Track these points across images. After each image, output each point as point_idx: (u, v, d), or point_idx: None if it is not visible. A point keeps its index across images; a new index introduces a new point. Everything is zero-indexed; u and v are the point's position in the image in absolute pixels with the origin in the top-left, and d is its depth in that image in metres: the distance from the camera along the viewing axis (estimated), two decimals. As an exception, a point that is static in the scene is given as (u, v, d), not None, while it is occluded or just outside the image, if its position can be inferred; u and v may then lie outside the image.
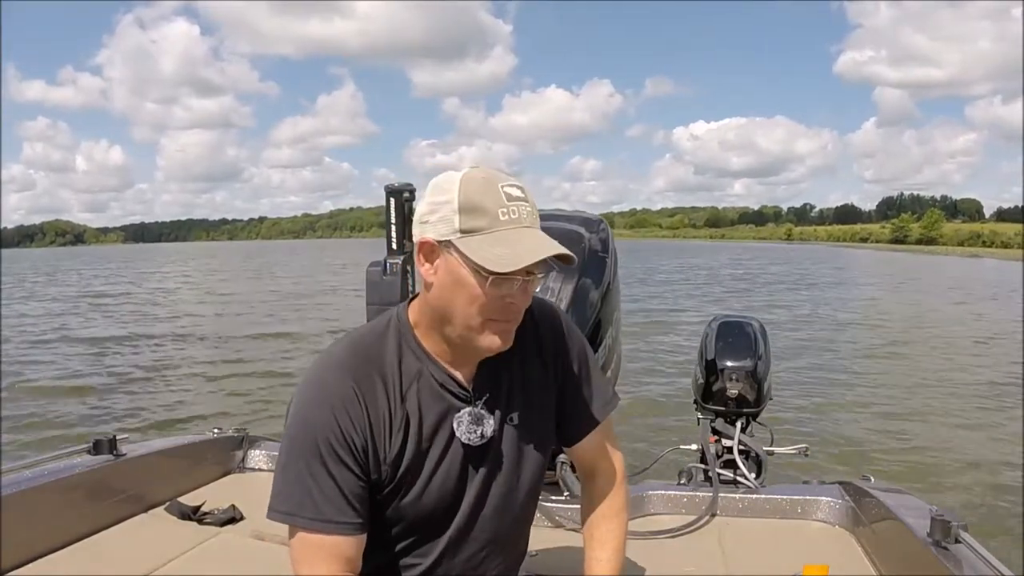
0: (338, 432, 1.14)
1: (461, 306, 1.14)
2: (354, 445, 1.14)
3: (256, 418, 7.13)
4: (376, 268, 2.68)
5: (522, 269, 1.11)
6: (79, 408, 8.35)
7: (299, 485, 1.14)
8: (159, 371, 10.75)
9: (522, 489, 1.31)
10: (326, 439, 1.13)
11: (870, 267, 44.72)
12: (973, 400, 8.61)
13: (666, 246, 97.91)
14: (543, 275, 1.22)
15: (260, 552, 1.90)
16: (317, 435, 1.13)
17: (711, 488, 2.23)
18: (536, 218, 1.16)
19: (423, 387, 1.21)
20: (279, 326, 15.69)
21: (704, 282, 29.46)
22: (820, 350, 12.21)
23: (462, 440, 1.22)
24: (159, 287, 30.60)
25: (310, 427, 1.14)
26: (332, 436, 1.13)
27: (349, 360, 1.20)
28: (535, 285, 1.19)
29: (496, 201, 1.12)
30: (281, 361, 11.29)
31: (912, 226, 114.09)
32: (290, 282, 31.49)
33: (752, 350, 2.54)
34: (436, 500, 1.22)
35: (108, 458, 2.06)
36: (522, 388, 1.30)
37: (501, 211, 1.11)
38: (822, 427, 7.25)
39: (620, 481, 1.44)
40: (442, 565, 1.26)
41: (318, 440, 1.13)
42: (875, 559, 1.86)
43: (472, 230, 1.12)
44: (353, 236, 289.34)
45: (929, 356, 11.69)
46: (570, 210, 2.62)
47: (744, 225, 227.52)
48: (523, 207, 1.14)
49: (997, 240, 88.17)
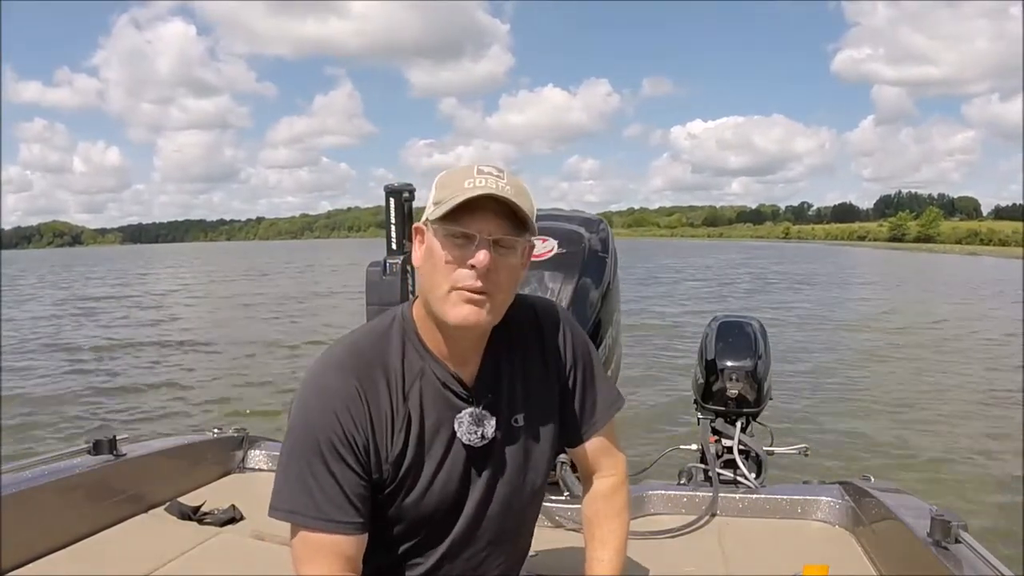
0: (340, 431, 1.14)
1: (432, 276, 1.16)
2: (356, 444, 1.14)
3: (256, 418, 7.12)
4: (376, 268, 2.68)
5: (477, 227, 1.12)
6: (79, 408, 8.34)
7: (301, 484, 1.14)
8: (159, 371, 10.74)
9: (526, 491, 1.31)
10: (328, 438, 1.13)
11: (871, 266, 44.75)
12: (973, 400, 8.60)
13: (665, 245, 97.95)
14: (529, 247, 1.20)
15: (260, 552, 1.90)
16: (319, 434, 1.13)
17: (711, 488, 2.24)
18: (508, 190, 1.14)
19: (425, 386, 1.21)
20: (279, 326, 15.68)
21: (703, 282, 29.45)
22: (820, 350, 12.20)
23: (463, 441, 1.22)
24: (158, 288, 30.58)
25: (312, 426, 1.14)
26: (334, 435, 1.13)
27: (351, 359, 1.20)
28: (512, 257, 1.16)
29: (466, 176, 1.14)
30: (281, 361, 11.28)
31: (910, 224, 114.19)
32: (290, 282, 31.47)
33: (752, 350, 2.54)
34: (438, 501, 1.22)
35: (108, 458, 2.06)
36: (525, 388, 1.30)
37: (467, 182, 1.13)
38: (822, 427, 7.24)
39: (621, 482, 1.44)
40: (444, 565, 1.26)
41: (320, 439, 1.13)
42: (875, 559, 1.86)
43: (439, 202, 1.14)
44: (351, 236, 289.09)
45: (929, 356, 11.68)
46: (570, 210, 2.62)
47: (742, 224, 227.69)
48: (492, 179, 1.14)
49: (995, 238, 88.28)
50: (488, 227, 1.13)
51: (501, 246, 1.14)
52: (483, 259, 1.11)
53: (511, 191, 1.13)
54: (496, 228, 1.13)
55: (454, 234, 1.13)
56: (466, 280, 1.12)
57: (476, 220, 1.12)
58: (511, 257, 1.16)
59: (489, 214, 1.13)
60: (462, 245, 1.12)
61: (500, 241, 1.14)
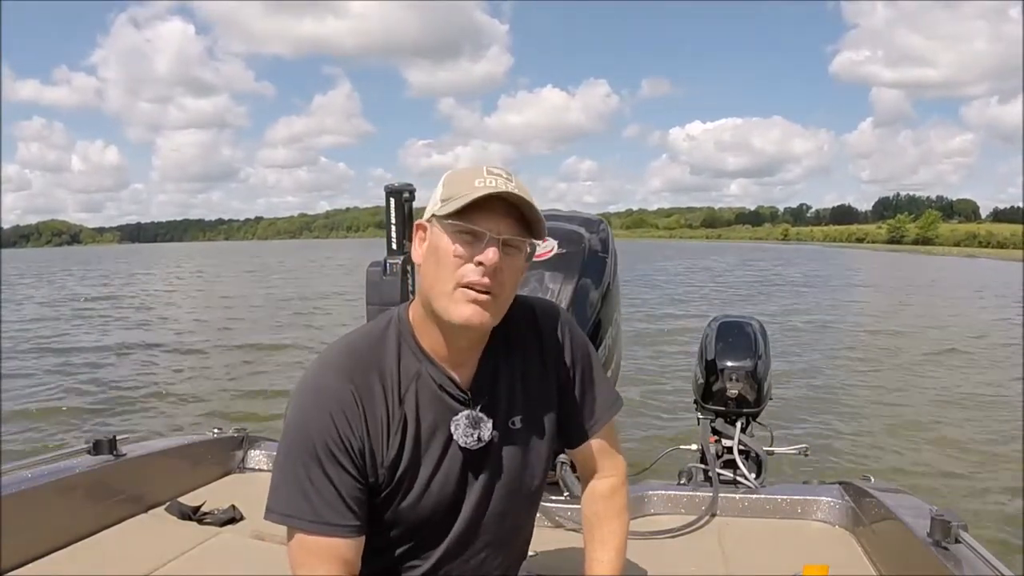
0: (335, 435, 1.13)
1: (436, 271, 1.16)
2: (351, 448, 1.14)
3: (256, 418, 7.11)
4: (376, 268, 2.68)
5: (487, 225, 1.13)
6: (78, 409, 8.33)
7: (297, 487, 1.14)
8: (159, 372, 10.72)
9: (524, 493, 1.31)
10: (323, 442, 1.13)
11: (871, 267, 44.75)
12: (974, 400, 8.59)
13: (664, 247, 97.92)
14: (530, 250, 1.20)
15: (260, 552, 1.90)
16: (315, 438, 1.13)
17: (711, 488, 2.24)
18: (516, 189, 1.15)
19: (422, 388, 1.21)
20: (279, 326, 15.66)
21: (702, 283, 29.45)
22: (820, 350, 12.20)
23: (459, 444, 1.22)
24: (157, 288, 30.54)
25: (307, 430, 1.14)
26: (329, 439, 1.13)
27: (347, 362, 1.19)
28: (518, 258, 1.18)
29: (475, 175, 1.16)
30: (281, 361, 11.27)
31: (908, 226, 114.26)
32: (290, 283, 31.44)
33: (752, 350, 2.54)
34: (435, 503, 1.22)
35: (108, 458, 2.07)
36: (523, 390, 1.29)
37: (477, 181, 1.14)
38: (822, 427, 7.23)
39: (621, 483, 1.44)
40: (442, 567, 1.26)
41: (315, 443, 1.13)
42: (875, 559, 1.86)
43: (448, 199, 1.15)
44: (350, 236, 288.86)
45: (929, 356, 11.68)
46: (570, 211, 2.62)
47: (740, 225, 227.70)
48: (501, 180, 1.15)
49: (993, 240, 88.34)
50: (498, 226, 1.14)
51: (509, 246, 1.15)
52: (492, 257, 1.12)
53: (520, 194, 1.15)
54: (505, 228, 1.14)
55: (463, 231, 1.13)
56: (473, 276, 1.13)
57: (486, 219, 1.13)
58: (517, 258, 1.17)
59: (498, 214, 1.14)
60: (471, 242, 1.13)
61: (509, 241, 1.15)
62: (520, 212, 1.15)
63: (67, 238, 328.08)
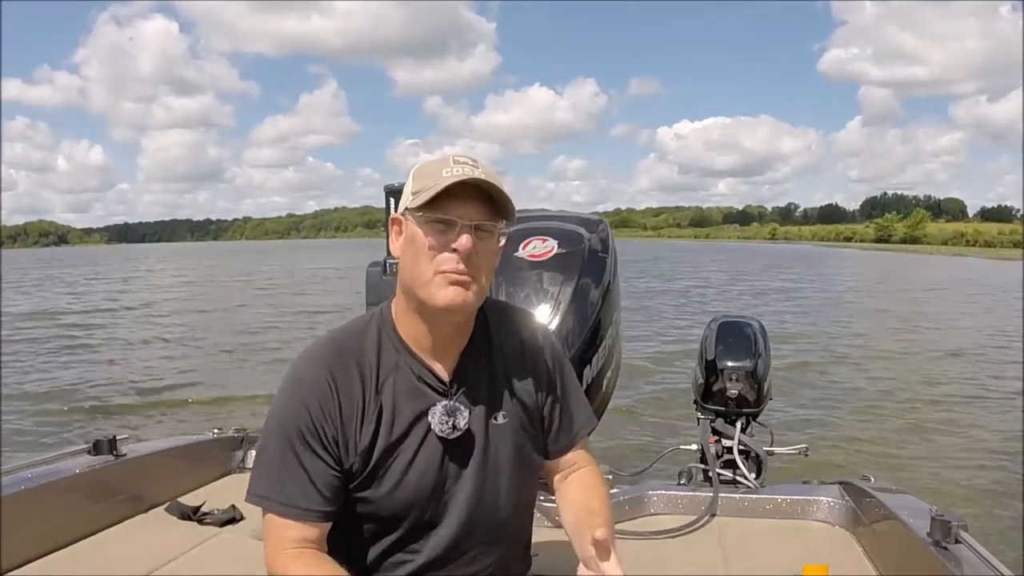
0: (309, 422, 1.19)
1: (415, 262, 1.20)
2: (324, 434, 1.19)
3: (256, 418, 7.08)
4: (376, 268, 2.68)
5: (458, 213, 1.17)
6: (79, 409, 8.29)
7: (271, 471, 1.21)
8: (159, 372, 10.68)
9: (514, 490, 1.31)
10: (297, 427, 1.19)
11: (864, 267, 44.90)
12: (974, 401, 8.63)
13: (653, 247, 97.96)
14: (502, 232, 1.24)
15: (260, 552, 1.88)
16: (290, 423, 1.20)
17: (711, 488, 2.25)
18: (483, 175, 1.19)
19: (400, 379, 1.25)
20: (280, 327, 15.61)
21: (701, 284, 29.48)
22: (820, 350, 12.22)
23: (436, 432, 1.24)
24: (156, 288, 30.39)
25: (284, 416, 1.22)
26: (303, 424, 1.19)
27: (326, 352, 1.25)
28: (491, 242, 1.22)
29: (443, 166, 1.20)
30: (281, 361, 11.22)
31: (896, 225, 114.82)
32: (289, 282, 31.35)
33: (752, 350, 2.54)
34: (415, 492, 1.23)
35: (108, 458, 2.06)
36: (508, 389, 1.32)
37: (444, 171, 1.18)
38: (822, 427, 7.26)
39: (590, 464, 1.43)
40: (435, 563, 1.26)
41: (290, 428, 1.20)
42: (875, 559, 1.87)
43: (418, 191, 1.19)
44: (338, 236, 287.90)
45: (929, 356, 11.74)
46: (570, 211, 2.63)
47: (729, 225, 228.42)
48: (468, 168, 1.19)
49: (980, 239, 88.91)
50: (468, 213, 1.19)
51: (481, 230, 1.20)
52: (466, 243, 1.17)
53: (487, 179, 1.19)
54: (476, 213, 1.19)
55: (436, 220, 1.18)
56: (449, 264, 1.17)
57: (456, 207, 1.18)
58: (490, 241, 1.22)
59: (468, 201, 1.19)
60: (444, 231, 1.18)
61: (480, 226, 1.20)
62: (489, 196, 1.20)
63: (55, 239, 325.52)
